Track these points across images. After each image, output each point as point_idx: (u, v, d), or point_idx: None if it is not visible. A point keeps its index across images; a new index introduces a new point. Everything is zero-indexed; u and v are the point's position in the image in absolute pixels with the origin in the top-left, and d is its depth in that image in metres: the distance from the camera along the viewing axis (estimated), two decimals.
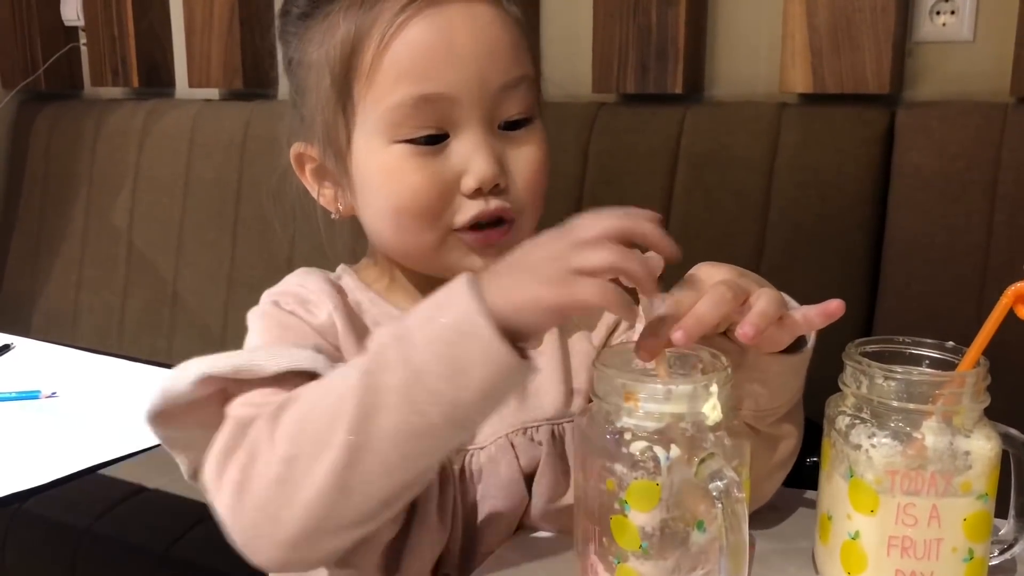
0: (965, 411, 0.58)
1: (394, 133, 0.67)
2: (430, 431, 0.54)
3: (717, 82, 1.44)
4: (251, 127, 1.72)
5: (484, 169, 0.66)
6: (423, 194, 0.67)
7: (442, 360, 0.52)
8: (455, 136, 0.67)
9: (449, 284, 0.55)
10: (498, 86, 0.67)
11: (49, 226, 2.00)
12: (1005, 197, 1.13)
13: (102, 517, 1.30)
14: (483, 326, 0.52)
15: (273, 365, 0.61)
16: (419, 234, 0.68)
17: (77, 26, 2.06)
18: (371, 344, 0.56)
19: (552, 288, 0.53)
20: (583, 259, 0.53)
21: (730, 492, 0.53)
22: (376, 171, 0.68)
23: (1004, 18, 1.22)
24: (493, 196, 0.68)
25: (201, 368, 0.61)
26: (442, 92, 0.65)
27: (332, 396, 0.55)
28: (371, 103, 0.67)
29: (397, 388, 0.53)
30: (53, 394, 1.26)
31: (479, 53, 0.66)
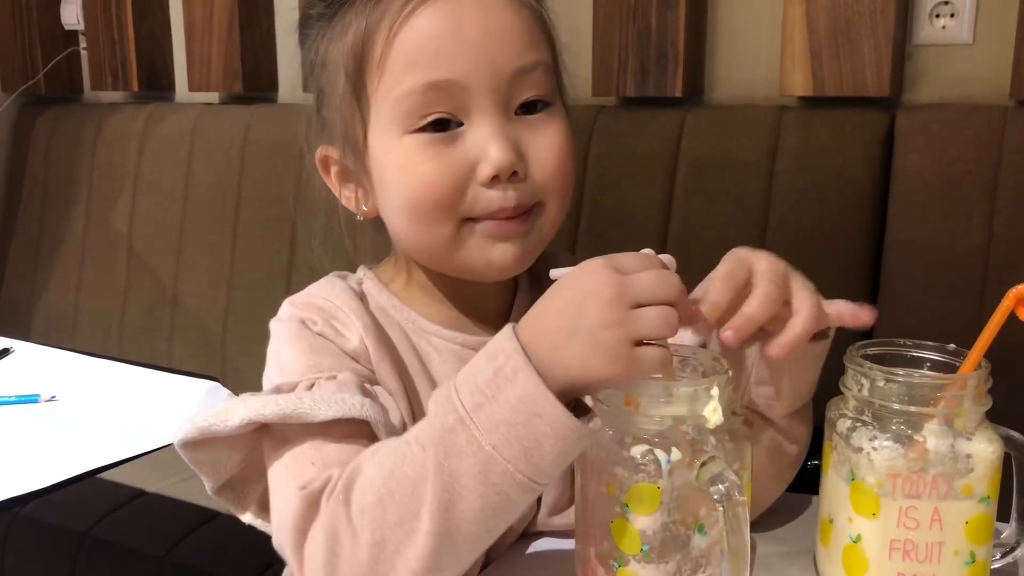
0: (967, 414, 0.58)
1: (405, 124, 0.65)
2: (509, 505, 0.55)
3: (717, 85, 1.44)
4: (251, 131, 1.72)
5: (500, 156, 0.64)
6: (436, 184, 0.65)
7: (512, 443, 0.53)
8: (469, 124, 0.65)
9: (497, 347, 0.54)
10: (511, 71, 0.65)
11: (49, 230, 2.00)
12: (1005, 200, 1.13)
13: (102, 521, 1.30)
14: (551, 406, 0.52)
15: (322, 414, 0.60)
16: (434, 227, 0.66)
17: (77, 30, 2.06)
18: (434, 417, 0.55)
19: (616, 366, 0.53)
20: (643, 328, 0.53)
21: (731, 495, 0.53)
22: (391, 166, 0.67)
23: (1004, 21, 1.22)
24: (511, 185, 0.66)
25: (246, 414, 0.60)
26: (451, 78, 0.64)
27: (406, 481, 0.54)
28: (382, 96, 0.66)
29: (472, 474, 0.53)
30: (53, 398, 1.25)
31: (489, 38, 0.65)
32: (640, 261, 0.56)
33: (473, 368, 0.55)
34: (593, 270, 0.54)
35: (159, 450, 1.22)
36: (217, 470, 0.66)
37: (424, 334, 0.71)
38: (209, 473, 0.66)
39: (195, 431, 0.62)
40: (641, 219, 1.34)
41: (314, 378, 0.64)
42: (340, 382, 0.63)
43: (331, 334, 0.67)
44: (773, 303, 0.59)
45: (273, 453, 0.62)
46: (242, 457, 0.65)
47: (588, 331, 0.53)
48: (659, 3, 1.39)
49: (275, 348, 0.68)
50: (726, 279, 0.60)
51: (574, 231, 1.39)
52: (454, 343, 0.71)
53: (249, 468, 0.66)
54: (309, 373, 0.64)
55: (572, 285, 0.55)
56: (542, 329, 0.55)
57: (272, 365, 0.68)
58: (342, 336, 0.67)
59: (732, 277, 0.60)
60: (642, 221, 1.34)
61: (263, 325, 0.71)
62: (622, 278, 0.54)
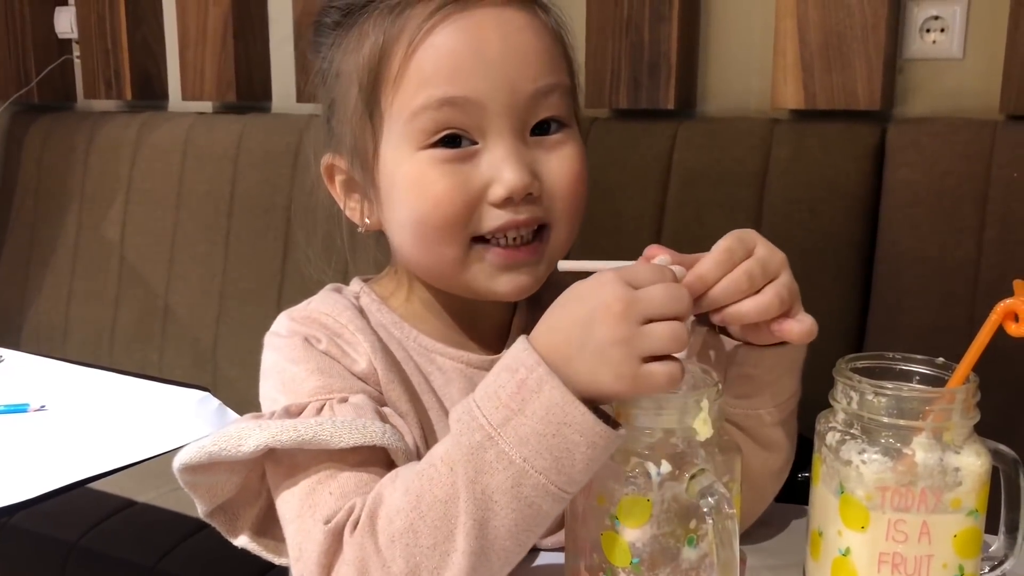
0: (955, 427, 0.58)
1: (419, 139, 0.64)
2: (541, 517, 0.55)
3: (709, 98, 1.45)
4: (244, 140, 1.72)
5: (513, 178, 0.63)
6: (447, 203, 0.64)
7: (544, 454, 0.52)
8: (484, 145, 0.64)
9: (516, 361, 0.54)
10: (529, 93, 0.64)
11: (40, 238, 1.99)
12: (995, 213, 1.14)
13: (90, 531, 1.29)
14: (579, 414, 0.52)
15: (342, 441, 0.59)
16: (441, 247, 0.65)
17: (71, 38, 2.06)
18: (459, 436, 0.54)
19: (623, 383, 0.53)
20: (651, 344, 0.53)
21: (721, 508, 0.53)
22: (401, 181, 0.66)
23: (994, 36, 1.23)
24: (524, 205, 0.65)
25: (262, 439, 0.59)
26: (468, 96, 0.63)
27: (436, 504, 0.54)
28: (397, 111, 0.65)
29: (504, 490, 0.53)
30: (42, 407, 1.25)
31: (508, 59, 0.64)
32: (652, 274, 0.55)
33: (494, 384, 0.54)
34: (603, 283, 0.54)
35: (149, 460, 1.22)
36: (213, 493, 0.64)
37: (427, 353, 0.70)
38: (204, 496, 0.64)
39: (203, 456, 0.60)
40: (633, 230, 1.34)
41: (324, 399, 0.63)
42: (355, 405, 0.62)
43: (338, 354, 0.66)
44: (742, 289, 0.59)
45: (283, 479, 0.61)
46: (241, 480, 0.64)
47: (597, 346, 0.53)
48: (652, 16, 1.40)
49: (278, 366, 0.66)
50: (722, 255, 0.60)
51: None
52: (459, 362, 0.70)
53: (244, 491, 0.65)
54: (318, 394, 0.63)
55: (582, 298, 0.55)
56: (554, 341, 0.55)
57: (273, 383, 0.66)
58: (349, 357, 0.66)
59: (730, 255, 0.60)
60: (634, 232, 1.34)
61: (255, 335, 0.70)
62: (632, 293, 0.53)
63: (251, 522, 0.66)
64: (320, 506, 0.58)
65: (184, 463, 0.61)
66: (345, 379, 0.65)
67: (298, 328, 0.67)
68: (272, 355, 0.67)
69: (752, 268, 0.60)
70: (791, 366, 0.66)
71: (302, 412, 0.62)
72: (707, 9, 1.43)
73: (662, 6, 1.38)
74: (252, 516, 0.66)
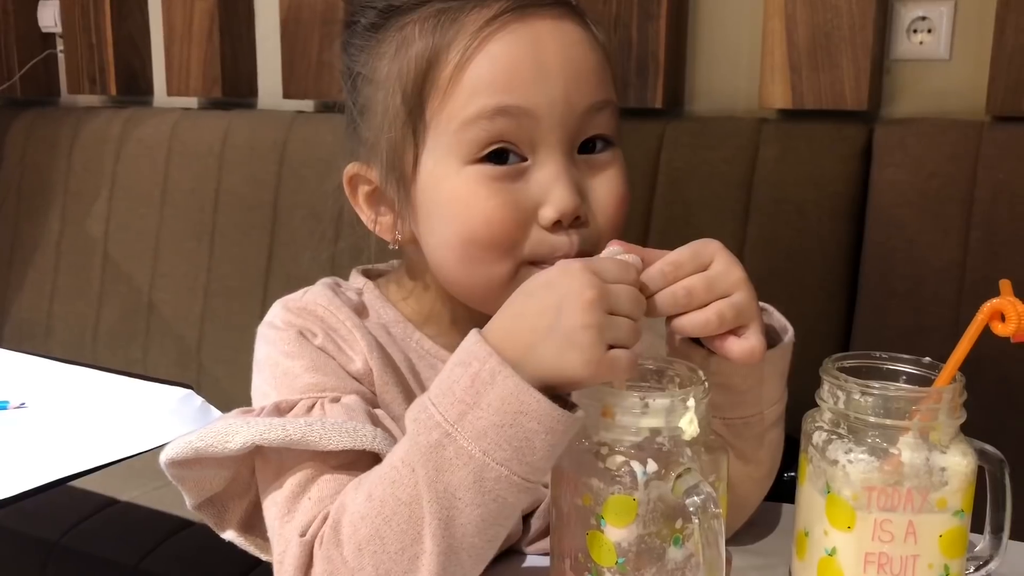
0: (941, 427, 0.58)
1: (468, 152, 0.62)
2: (507, 509, 0.54)
3: (697, 97, 1.45)
4: (230, 136, 1.71)
5: (565, 199, 0.62)
6: (498, 222, 0.62)
7: (503, 445, 0.52)
8: (534, 161, 0.63)
9: (468, 354, 0.53)
10: (583, 108, 0.63)
11: (23, 234, 1.98)
12: (981, 214, 1.14)
13: (72, 530, 1.28)
14: (534, 401, 0.52)
15: (331, 444, 0.58)
16: (490, 266, 0.63)
17: (54, 32, 2.04)
18: (416, 436, 0.53)
19: (590, 367, 0.52)
20: (617, 334, 0.53)
21: (707, 507, 0.52)
22: (447, 198, 0.63)
23: (980, 37, 1.24)
24: (574, 231, 0.63)
25: (249, 437, 0.58)
26: (522, 106, 0.61)
27: (400, 507, 0.53)
28: (445, 121, 0.62)
29: (467, 485, 0.52)
30: (22, 405, 1.24)
31: (567, 71, 0.62)
32: (618, 270, 0.56)
33: (447, 379, 0.54)
34: (574, 272, 0.54)
35: (132, 458, 1.20)
36: (201, 487, 0.63)
37: (428, 357, 0.69)
38: (192, 489, 0.63)
39: (189, 451, 0.59)
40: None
41: (316, 397, 0.62)
42: (346, 406, 0.61)
43: (333, 351, 0.65)
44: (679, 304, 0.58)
45: (268, 477, 0.60)
46: (230, 475, 0.63)
47: (566, 331, 0.52)
48: (640, 14, 1.40)
49: (271, 358, 0.65)
50: (667, 267, 0.58)
51: None
52: None
53: (233, 484, 0.64)
54: (311, 392, 0.62)
55: (551, 285, 0.54)
56: (514, 328, 0.54)
57: (265, 377, 0.65)
58: (345, 355, 0.65)
59: (675, 268, 0.58)
60: (622, 230, 1.34)
61: (240, 333, 0.69)
62: (603, 284, 0.53)
63: (240, 516, 0.65)
64: (299, 513, 0.57)
65: (170, 458, 0.60)
66: (339, 378, 0.64)
67: (294, 320, 0.66)
68: (266, 347, 0.66)
69: (694, 284, 0.58)
70: (769, 375, 0.65)
71: (292, 409, 0.61)
72: (695, 8, 1.43)
73: (651, 5, 1.38)
74: (241, 510, 0.65)
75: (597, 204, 0.65)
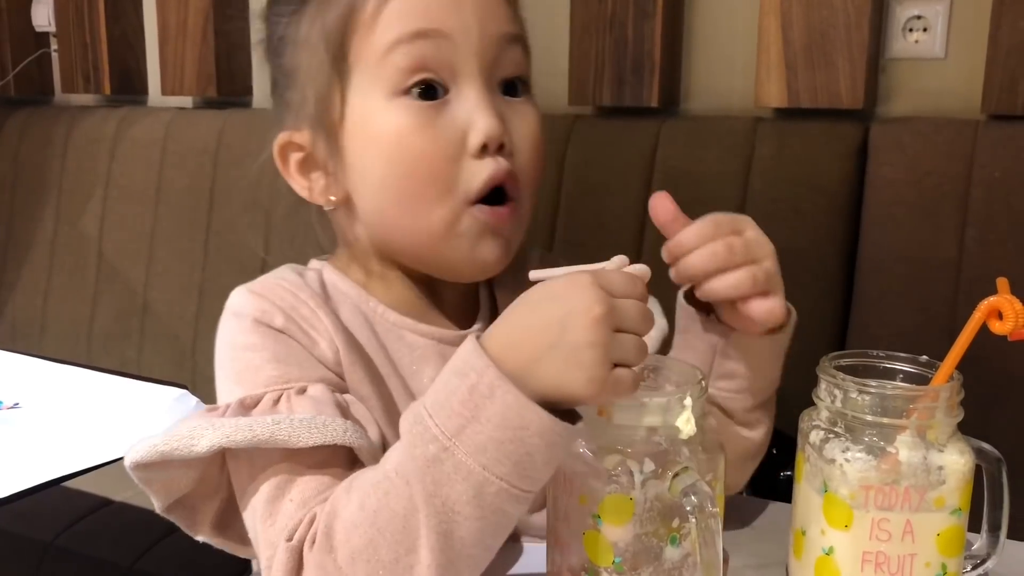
0: (939, 425, 0.58)
1: (393, 82, 0.63)
2: (507, 519, 0.53)
3: (693, 96, 1.45)
4: (224, 135, 1.70)
5: (490, 124, 0.63)
6: (429, 156, 0.63)
7: (503, 460, 0.51)
8: (456, 92, 0.64)
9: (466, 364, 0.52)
10: (498, 35, 0.65)
11: (17, 234, 1.97)
12: (977, 212, 1.14)
13: (66, 531, 1.27)
14: (535, 416, 0.51)
15: (301, 440, 0.56)
16: (430, 207, 0.64)
17: (48, 31, 2.03)
18: (412, 447, 0.52)
19: (593, 385, 0.51)
20: (623, 352, 0.52)
21: (704, 507, 0.52)
22: (376, 134, 0.64)
23: (975, 36, 1.24)
24: (501, 157, 0.64)
25: (215, 440, 0.57)
26: (439, 28, 0.63)
27: (395, 518, 0.52)
28: (368, 55, 0.64)
29: (467, 499, 0.51)
30: (16, 405, 1.23)
31: (479, 1, 0.64)
32: (627, 285, 0.54)
33: (444, 389, 0.53)
34: (582, 286, 0.52)
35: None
36: (169, 488, 0.62)
37: (396, 329, 0.68)
38: (159, 491, 0.62)
39: (154, 454, 0.58)
40: (616, 228, 1.34)
41: (281, 389, 0.60)
42: (313, 398, 0.60)
43: (296, 332, 0.63)
44: (719, 258, 0.60)
45: (243, 480, 0.59)
46: (197, 475, 0.61)
47: (571, 347, 0.51)
48: (635, 13, 1.39)
49: (232, 353, 0.63)
50: (706, 226, 0.61)
51: (550, 239, 1.39)
52: (430, 338, 0.68)
53: (202, 485, 0.62)
54: (275, 384, 0.61)
55: (556, 297, 0.53)
56: (516, 340, 0.53)
57: (226, 372, 0.63)
58: (308, 337, 0.63)
59: (715, 227, 0.61)
60: (617, 230, 1.34)
61: None
62: (611, 300, 0.52)
63: (211, 516, 0.64)
64: (282, 515, 0.56)
65: (135, 461, 0.59)
66: (303, 365, 0.62)
67: (255, 304, 0.64)
68: (225, 340, 0.64)
69: (734, 242, 0.61)
70: (773, 356, 0.68)
71: (257, 405, 0.60)
72: (691, 7, 1.42)
73: (646, 3, 1.38)
74: (212, 510, 0.64)
75: (519, 140, 0.65)
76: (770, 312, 0.62)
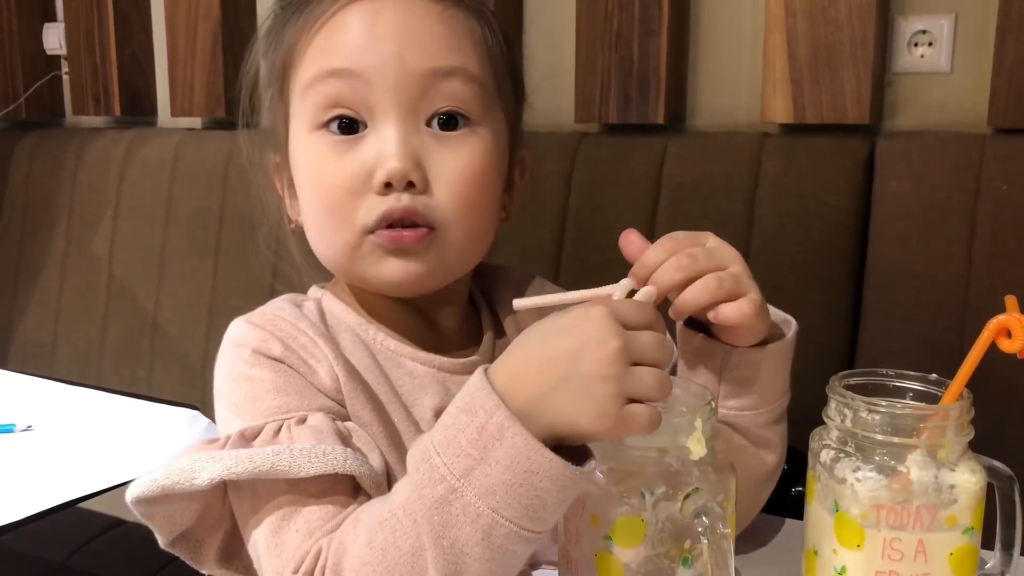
0: (950, 444, 0.58)
1: (312, 118, 0.65)
2: (516, 559, 0.53)
3: (699, 112, 1.45)
4: (233, 156, 1.71)
5: (393, 163, 0.62)
6: (329, 188, 0.64)
7: (512, 504, 0.50)
8: (372, 127, 0.64)
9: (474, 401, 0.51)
10: (420, 72, 0.63)
11: (28, 255, 1.98)
12: (984, 226, 1.14)
13: (78, 551, 1.28)
14: (545, 460, 0.50)
15: (303, 470, 0.56)
16: (334, 234, 0.65)
17: (59, 55, 2.05)
18: (420, 487, 0.52)
19: (605, 421, 0.50)
20: (639, 387, 0.51)
21: (715, 527, 0.52)
22: (300, 165, 0.67)
23: (981, 50, 1.24)
24: (406, 194, 0.63)
25: (216, 472, 0.56)
26: (351, 68, 0.63)
27: (403, 558, 0.52)
28: (297, 89, 0.66)
29: (475, 541, 0.51)
30: (29, 427, 1.23)
31: (402, 37, 0.63)
32: (641, 315, 0.54)
33: (453, 426, 0.52)
34: (595, 319, 0.52)
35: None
36: (172, 522, 0.61)
37: (395, 357, 0.67)
38: (162, 526, 0.61)
39: (155, 489, 0.57)
40: None
41: (281, 420, 0.60)
42: (313, 428, 0.59)
43: (296, 362, 0.63)
44: (683, 266, 0.61)
45: (246, 511, 0.59)
46: (200, 507, 0.61)
47: (582, 380, 0.50)
48: (641, 30, 1.40)
49: (231, 384, 0.63)
50: (666, 241, 0.62)
51: (557, 257, 1.39)
52: (430, 367, 0.68)
53: (206, 517, 0.62)
54: (275, 414, 0.60)
55: (568, 329, 0.52)
56: (525, 372, 0.52)
57: (225, 403, 0.63)
58: (307, 366, 0.63)
59: (673, 241, 0.62)
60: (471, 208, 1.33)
61: None
62: (626, 333, 0.52)
63: (216, 549, 0.64)
64: (287, 546, 0.56)
65: (136, 496, 0.58)
66: (303, 394, 0.62)
67: (253, 335, 0.64)
68: (225, 371, 0.64)
69: (696, 252, 0.61)
70: (780, 366, 0.67)
71: (258, 435, 0.59)
72: (697, 24, 1.43)
73: (652, 21, 1.39)
74: (217, 542, 0.63)
75: (439, 177, 0.64)
76: (740, 312, 0.61)
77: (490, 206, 0.68)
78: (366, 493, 0.59)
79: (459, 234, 0.65)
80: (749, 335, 0.64)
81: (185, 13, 1.80)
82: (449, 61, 0.64)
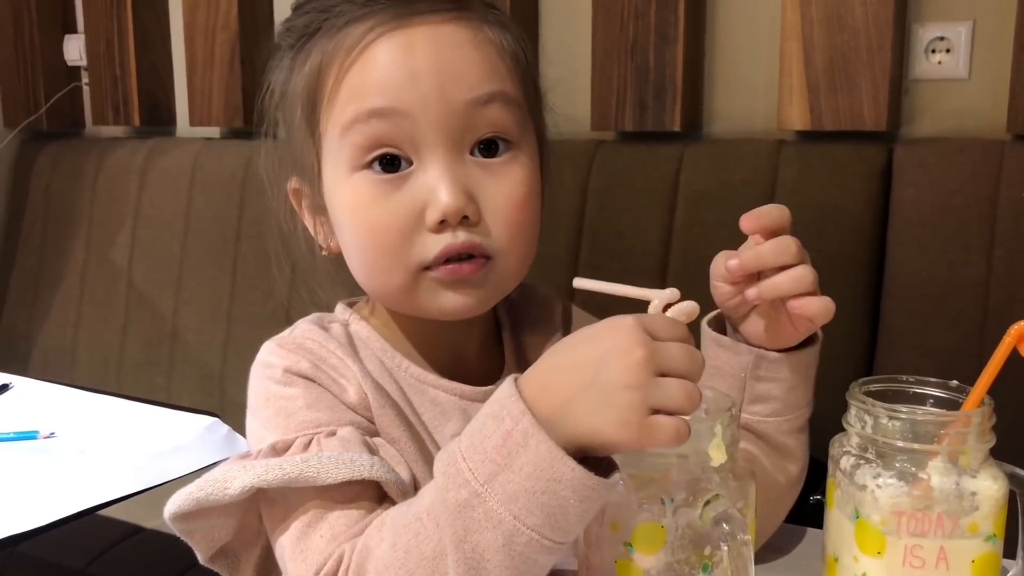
0: (971, 451, 0.58)
1: (353, 159, 0.63)
2: (538, 568, 0.53)
3: (715, 120, 1.45)
4: (252, 165, 1.72)
5: (447, 200, 0.61)
6: (381, 230, 0.62)
7: (534, 511, 0.50)
8: (418, 164, 0.62)
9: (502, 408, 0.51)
10: (462, 104, 0.62)
11: (49, 264, 2.00)
12: (1003, 233, 1.14)
13: (98, 558, 1.29)
14: (569, 470, 0.49)
15: (330, 476, 0.56)
16: (386, 274, 0.64)
17: (80, 66, 2.08)
18: (444, 490, 0.52)
19: (627, 431, 0.50)
20: (665, 398, 0.50)
21: (735, 534, 0.52)
22: (340, 206, 0.65)
23: (999, 56, 1.24)
24: (462, 229, 0.62)
25: (247, 481, 0.57)
26: (394, 107, 0.61)
27: (424, 561, 0.52)
28: (331, 129, 0.64)
29: (496, 548, 0.51)
30: (51, 434, 1.24)
31: (441, 70, 0.62)
32: (671, 329, 0.53)
33: (480, 432, 0.52)
34: (622, 327, 0.51)
35: (157, 487, 1.21)
36: (210, 538, 0.62)
37: (419, 385, 0.68)
38: (201, 543, 0.62)
39: (191, 502, 0.58)
40: (640, 252, 1.34)
41: (312, 434, 0.61)
42: (342, 439, 0.60)
43: (326, 382, 0.64)
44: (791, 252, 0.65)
45: (276, 520, 0.59)
46: (237, 523, 0.62)
47: (605, 388, 0.50)
48: (657, 38, 1.41)
49: (263, 401, 0.64)
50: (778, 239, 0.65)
51: (573, 265, 1.39)
52: (452, 394, 0.68)
53: (244, 532, 0.63)
54: (306, 429, 0.61)
55: (596, 338, 0.52)
56: (551, 381, 0.52)
57: (259, 420, 0.64)
58: (338, 385, 0.64)
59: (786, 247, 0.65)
60: (641, 254, 1.34)
61: None
62: (654, 343, 0.51)
63: (254, 564, 0.65)
64: (311, 551, 0.57)
65: (174, 512, 0.59)
66: (334, 410, 0.63)
67: (285, 356, 0.65)
68: (257, 390, 0.65)
69: (794, 243, 0.65)
70: (805, 374, 0.68)
71: (288, 449, 0.60)
72: (713, 31, 1.43)
73: (668, 29, 1.39)
74: (254, 558, 0.64)
75: (490, 207, 0.63)
76: (827, 308, 0.64)
77: (536, 225, 0.68)
78: (392, 501, 0.59)
79: (514, 260, 0.65)
80: (786, 338, 0.66)
81: (203, 24, 1.82)
82: (488, 88, 0.63)
